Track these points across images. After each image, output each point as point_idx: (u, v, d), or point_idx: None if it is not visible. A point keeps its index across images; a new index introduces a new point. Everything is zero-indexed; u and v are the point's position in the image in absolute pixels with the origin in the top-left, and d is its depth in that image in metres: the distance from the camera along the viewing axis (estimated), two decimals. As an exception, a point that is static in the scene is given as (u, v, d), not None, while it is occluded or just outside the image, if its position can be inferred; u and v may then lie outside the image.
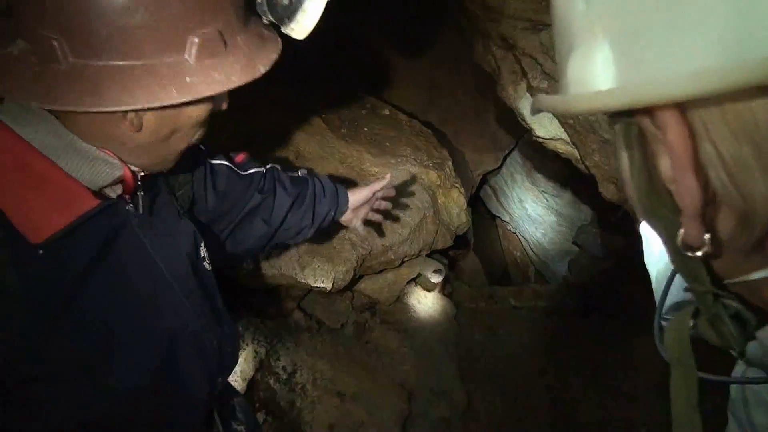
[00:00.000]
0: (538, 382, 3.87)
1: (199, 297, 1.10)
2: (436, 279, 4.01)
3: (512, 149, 5.75)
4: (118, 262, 0.92)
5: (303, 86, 3.52)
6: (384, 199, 1.75)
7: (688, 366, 0.61)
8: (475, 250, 5.94)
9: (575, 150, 3.31)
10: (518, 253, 7.17)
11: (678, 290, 0.84)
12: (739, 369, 0.77)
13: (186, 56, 0.78)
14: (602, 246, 5.69)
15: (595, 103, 0.43)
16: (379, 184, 1.68)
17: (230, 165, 1.41)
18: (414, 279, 3.95)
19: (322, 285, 2.89)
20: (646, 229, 1.23)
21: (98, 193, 0.89)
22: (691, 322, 0.61)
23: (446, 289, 4.32)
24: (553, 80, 2.77)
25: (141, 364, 0.96)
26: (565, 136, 3.31)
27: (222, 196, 1.37)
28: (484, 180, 6.38)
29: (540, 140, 3.61)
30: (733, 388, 0.92)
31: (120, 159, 0.89)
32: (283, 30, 0.94)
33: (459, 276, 5.16)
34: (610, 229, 5.65)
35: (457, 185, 3.65)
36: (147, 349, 0.97)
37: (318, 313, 3.43)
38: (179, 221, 1.12)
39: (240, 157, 1.47)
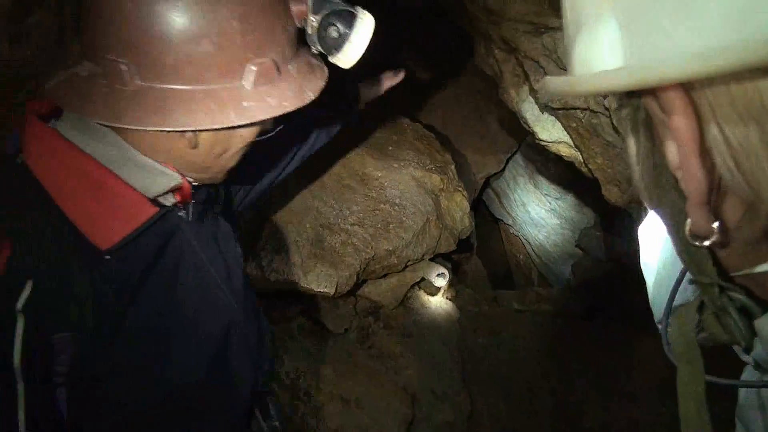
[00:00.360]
0: (542, 386, 3.86)
1: (242, 294, 1.16)
2: (439, 283, 4.00)
3: (515, 152, 5.74)
4: (172, 265, 0.98)
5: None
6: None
7: (694, 360, 0.59)
8: (478, 253, 5.93)
9: (578, 153, 3.30)
10: (521, 256, 7.15)
11: (681, 294, 0.84)
12: (747, 374, 0.76)
13: (244, 82, 0.85)
14: (605, 249, 5.68)
15: (600, 83, 0.42)
16: (390, 81, 1.85)
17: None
18: (417, 283, 3.95)
19: (326, 290, 2.89)
20: (643, 234, 1.22)
21: (154, 201, 0.95)
22: (696, 317, 0.60)
23: (450, 292, 4.31)
24: (556, 83, 2.77)
25: (196, 359, 1.02)
26: (567, 139, 3.30)
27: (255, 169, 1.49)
28: (487, 183, 6.37)
29: (543, 143, 3.61)
30: (742, 392, 0.91)
31: (178, 171, 0.96)
32: (330, 59, 1.01)
33: (462, 279, 5.15)
34: (613, 232, 5.64)
35: (460, 189, 3.65)
36: (201, 345, 1.03)
37: (321, 318, 3.42)
38: (220, 223, 1.19)
39: None
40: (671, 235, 0.54)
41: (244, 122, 0.85)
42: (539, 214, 6.64)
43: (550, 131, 3.41)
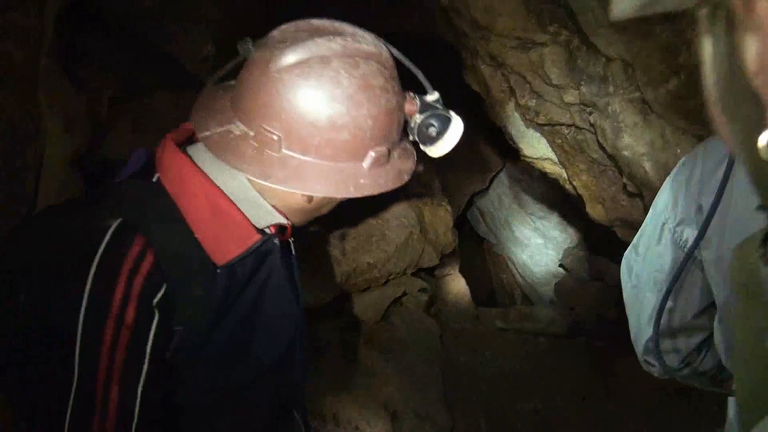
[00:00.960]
0: (524, 405, 3.82)
1: (302, 310, 1.39)
2: (421, 298, 3.96)
3: (499, 171, 5.76)
4: (263, 280, 1.19)
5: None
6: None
7: (757, 295, 0.57)
8: (461, 271, 5.91)
9: (563, 170, 3.30)
10: (505, 276, 7.15)
11: (742, 227, 0.82)
12: None
13: (363, 164, 1.07)
14: (588, 268, 5.69)
15: None
16: None
17: None
18: (399, 298, 3.91)
19: (303, 302, 2.84)
20: (628, 261, 1.22)
21: (260, 230, 1.16)
22: (761, 249, 0.57)
23: (432, 309, 4.27)
24: (542, 98, 2.77)
25: (272, 353, 1.25)
26: (552, 155, 3.31)
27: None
28: (471, 202, 6.38)
29: (528, 160, 3.61)
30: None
31: (286, 217, 1.18)
32: (422, 148, 1.21)
33: (445, 297, 5.12)
34: (596, 251, 5.65)
35: (443, 204, 3.63)
36: (276, 342, 1.26)
37: (301, 332, 3.36)
38: (292, 255, 1.43)
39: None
40: (741, 154, 0.49)
41: (358, 195, 1.07)
42: (523, 233, 6.65)
43: (535, 147, 3.41)
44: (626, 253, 1.20)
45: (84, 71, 2.51)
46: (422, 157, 1.20)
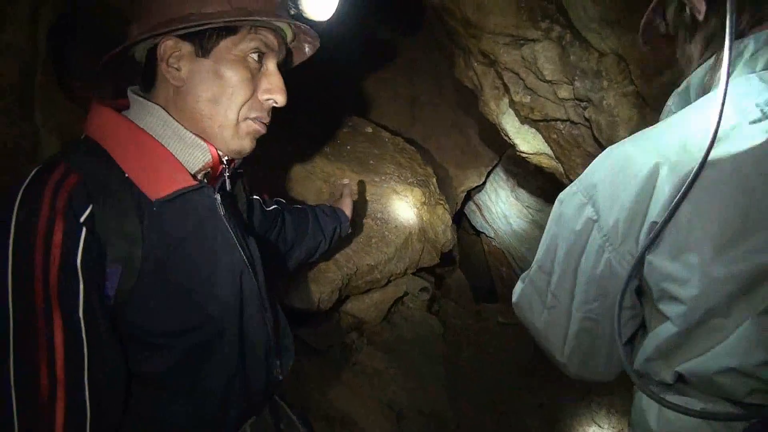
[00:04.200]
0: (530, 401, 3.83)
1: (263, 282, 1.35)
2: (422, 298, 3.96)
3: (495, 165, 5.75)
4: (208, 237, 1.19)
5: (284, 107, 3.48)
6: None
7: None
8: (460, 266, 5.90)
9: (559, 165, 3.30)
10: (504, 269, 7.14)
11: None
12: None
13: None
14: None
15: None
16: (347, 189, 2.25)
17: (261, 200, 1.83)
18: (401, 298, 3.91)
19: (307, 306, 2.84)
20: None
21: (194, 177, 1.18)
22: None
23: (433, 307, 4.27)
24: (536, 95, 2.77)
25: (212, 299, 1.19)
26: (548, 150, 3.31)
27: (256, 227, 1.77)
28: (468, 196, 6.37)
29: (524, 155, 3.61)
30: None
31: (206, 141, 1.18)
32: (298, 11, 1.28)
33: (446, 294, 5.12)
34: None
35: (441, 202, 3.63)
36: (225, 292, 1.21)
37: (304, 336, 3.36)
38: (244, 223, 1.46)
39: (265, 196, 1.91)
40: None
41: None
42: (521, 226, 6.64)
43: (530, 143, 3.41)
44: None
45: (78, 83, 2.50)
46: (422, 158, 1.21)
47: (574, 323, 1.07)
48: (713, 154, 0.82)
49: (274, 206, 1.91)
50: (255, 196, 1.80)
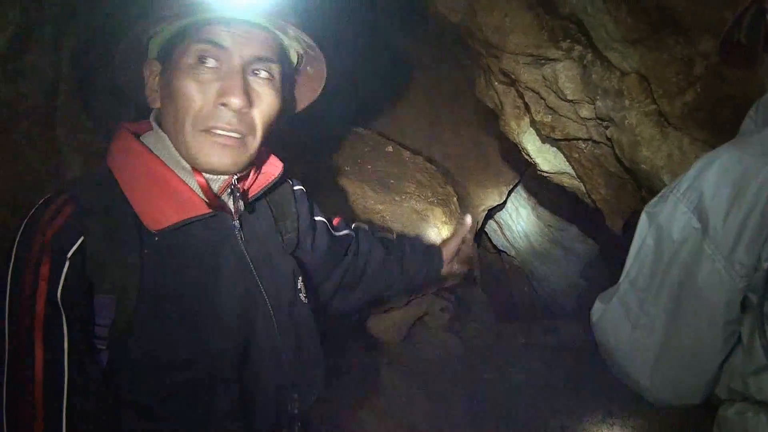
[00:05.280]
0: (552, 423, 3.77)
1: (289, 325, 1.24)
2: (443, 317, 3.94)
3: (516, 184, 5.73)
4: (217, 266, 1.12)
5: (305, 125, 3.52)
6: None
7: None
8: (481, 285, 5.87)
9: (581, 184, 3.28)
10: (525, 288, 7.09)
11: None
12: None
13: None
14: (610, 279, 5.61)
15: None
16: (464, 229, 1.82)
17: (328, 224, 1.57)
18: (421, 317, 3.89)
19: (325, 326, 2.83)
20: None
21: (211, 204, 1.12)
22: None
23: (454, 327, 4.24)
24: (557, 114, 2.76)
25: (218, 334, 1.11)
26: (570, 170, 3.29)
27: (319, 253, 1.51)
28: (489, 215, 6.35)
29: (545, 174, 3.59)
30: None
31: (193, 168, 1.11)
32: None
33: (466, 313, 5.08)
34: (617, 262, 5.57)
35: (462, 221, 3.62)
36: (229, 324, 1.13)
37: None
38: (283, 255, 1.29)
39: (336, 220, 1.64)
40: None
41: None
42: (543, 245, 6.59)
43: (551, 162, 3.40)
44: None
45: (102, 105, 2.55)
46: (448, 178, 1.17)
47: (670, 340, 1.01)
48: None
49: (345, 231, 1.63)
50: (318, 217, 1.55)
